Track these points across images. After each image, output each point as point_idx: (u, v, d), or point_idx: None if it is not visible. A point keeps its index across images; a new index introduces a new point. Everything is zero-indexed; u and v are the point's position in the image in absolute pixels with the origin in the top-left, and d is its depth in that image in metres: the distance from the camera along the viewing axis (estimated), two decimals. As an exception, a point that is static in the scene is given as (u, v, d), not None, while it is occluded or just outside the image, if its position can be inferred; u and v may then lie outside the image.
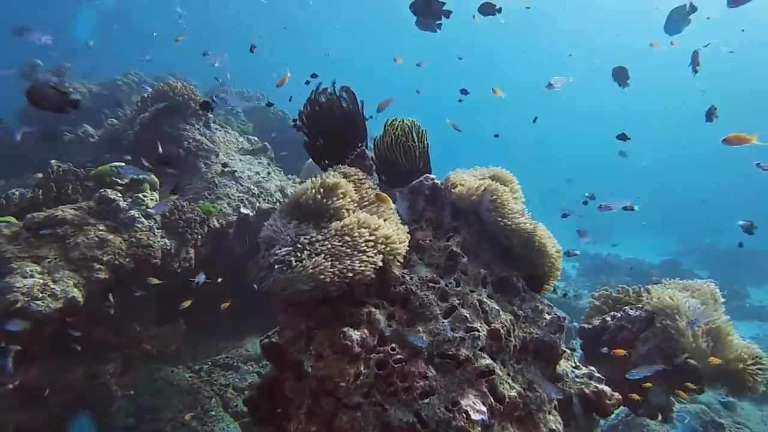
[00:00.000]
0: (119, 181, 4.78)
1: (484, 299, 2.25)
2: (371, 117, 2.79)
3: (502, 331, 2.17)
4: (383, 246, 2.03)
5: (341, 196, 2.21)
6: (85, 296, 4.05)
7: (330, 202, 2.17)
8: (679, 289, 3.35)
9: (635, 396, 2.96)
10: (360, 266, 1.95)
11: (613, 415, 5.81)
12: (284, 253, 1.99)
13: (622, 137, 4.30)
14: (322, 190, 2.19)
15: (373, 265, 1.99)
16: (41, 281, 3.87)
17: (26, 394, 4.71)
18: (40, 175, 5.44)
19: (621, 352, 3.02)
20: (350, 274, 1.94)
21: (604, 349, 2.97)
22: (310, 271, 1.92)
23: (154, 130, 6.11)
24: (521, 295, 2.42)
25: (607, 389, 2.42)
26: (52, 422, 4.77)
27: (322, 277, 1.91)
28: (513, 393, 2.08)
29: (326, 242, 2.01)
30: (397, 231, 2.17)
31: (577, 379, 2.45)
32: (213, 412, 6.24)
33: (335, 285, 1.93)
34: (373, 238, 2.03)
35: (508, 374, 2.18)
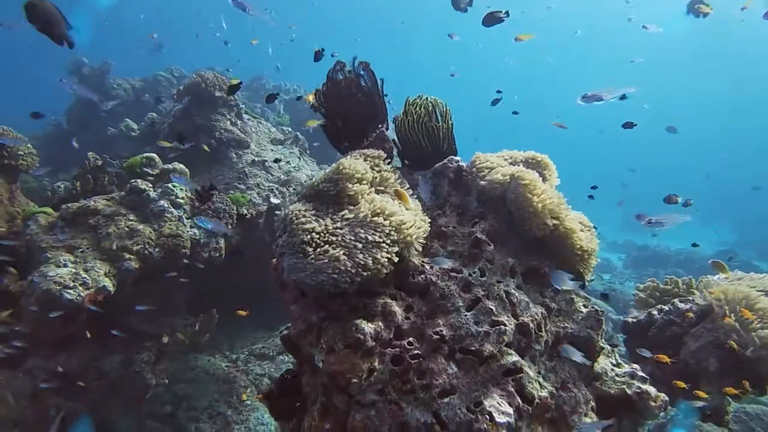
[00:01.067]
0: (150, 171, 4.79)
1: (512, 290, 2.05)
2: (387, 95, 2.62)
3: (531, 325, 1.98)
4: (398, 234, 1.87)
5: (357, 180, 2.06)
6: (116, 285, 4.09)
7: (345, 187, 2.02)
8: (735, 280, 3.04)
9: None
10: (372, 263, 1.80)
11: (662, 413, 5.48)
12: (291, 240, 1.86)
13: (628, 125, 4.14)
14: (337, 174, 2.05)
15: (387, 261, 1.84)
16: (73, 270, 3.91)
17: (67, 381, 4.83)
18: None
19: (665, 359, 2.75)
20: (361, 271, 1.79)
21: (646, 353, 2.71)
22: (318, 263, 1.78)
23: (186, 121, 6.14)
24: (554, 287, 2.21)
25: (651, 390, 2.19)
26: (91, 408, 4.88)
27: (330, 271, 1.77)
28: (544, 393, 1.89)
29: (338, 231, 1.87)
30: (416, 218, 2.01)
31: (617, 378, 2.23)
32: (248, 402, 6.27)
33: (345, 281, 1.79)
34: (387, 223, 1.87)
35: (539, 372, 1.99)
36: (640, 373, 2.26)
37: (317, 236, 1.85)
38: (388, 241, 1.84)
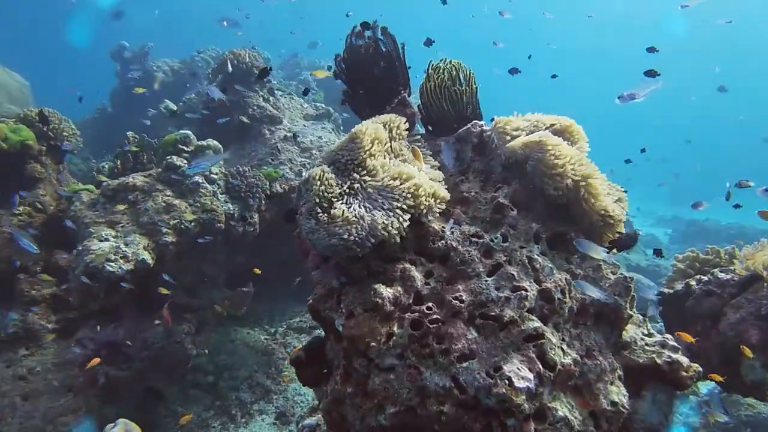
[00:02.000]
0: (185, 148, 4.91)
1: (536, 256, 2.00)
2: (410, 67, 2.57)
3: (555, 291, 1.93)
4: (414, 200, 1.85)
5: (372, 146, 2.04)
6: (155, 258, 4.25)
7: (360, 153, 2.01)
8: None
9: (717, 377, 2.60)
10: (384, 228, 1.79)
11: (705, 390, 5.28)
12: (310, 203, 1.87)
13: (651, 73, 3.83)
14: (352, 142, 2.03)
15: (400, 226, 1.82)
16: (115, 244, 4.08)
17: (113, 350, 5.09)
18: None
19: (688, 337, 2.62)
20: (374, 235, 1.78)
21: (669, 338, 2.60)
22: (330, 227, 1.78)
23: (220, 100, 6.22)
24: (580, 253, 2.14)
25: (683, 359, 2.11)
26: (135, 377, 5.13)
27: (342, 234, 1.78)
28: (567, 360, 1.85)
29: (352, 196, 1.86)
30: (433, 182, 1.98)
31: (647, 348, 2.16)
32: (287, 372, 6.45)
33: (357, 245, 1.79)
34: (403, 188, 1.85)
35: (563, 339, 1.95)
36: (672, 343, 2.18)
37: (332, 199, 1.85)
38: (404, 206, 1.82)
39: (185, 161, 4.68)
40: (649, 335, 2.31)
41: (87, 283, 3.83)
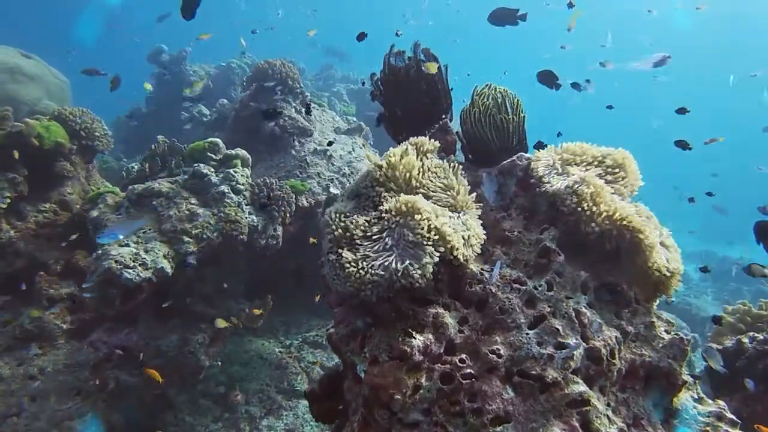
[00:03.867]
0: (213, 156, 4.83)
1: (583, 309, 1.80)
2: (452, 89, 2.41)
3: (603, 350, 1.73)
4: (443, 243, 1.68)
5: (398, 177, 1.88)
6: (174, 267, 4.15)
7: (384, 187, 1.86)
8: None
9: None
10: (403, 273, 1.63)
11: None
12: (328, 245, 1.72)
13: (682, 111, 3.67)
14: (378, 173, 1.88)
15: (421, 270, 1.65)
16: (134, 251, 3.99)
17: (126, 355, 5.00)
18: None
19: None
20: (391, 278, 1.62)
21: (751, 384, 2.34)
22: (348, 272, 1.63)
23: (252, 109, 6.18)
24: (632, 307, 1.93)
25: (743, 436, 1.88)
26: (146, 383, 5.02)
27: (360, 281, 1.62)
28: (613, 430, 1.64)
29: (372, 238, 1.70)
30: (468, 221, 1.80)
31: (700, 418, 1.93)
32: (299, 388, 6.28)
33: (374, 294, 1.64)
34: (426, 230, 1.68)
35: (608, 405, 1.74)
36: (729, 415, 1.95)
37: (354, 239, 1.70)
38: (431, 248, 1.65)
39: (212, 170, 4.60)
40: (701, 401, 2.07)
41: (102, 287, 3.74)
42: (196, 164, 4.58)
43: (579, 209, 1.88)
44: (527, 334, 1.71)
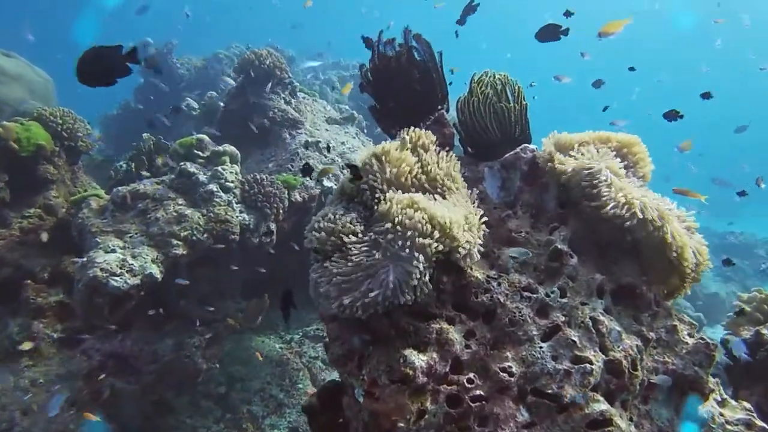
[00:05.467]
0: (200, 153, 4.64)
1: (600, 317, 1.64)
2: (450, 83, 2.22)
3: (625, 362, 1.57)
4: (445, 240, 1.50)
5: (389, 176, 1.70)
6: (164, 272, 3.99)
7: (374, 186, 1.68)
8: None
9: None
10: (391, 289, 1.46)
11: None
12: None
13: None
14: (366, 171, 1.70)
15: (418, 284, 1.49)
16: (121, 257, 3.82)
17: (121, 362, 4.86)
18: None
19: None
20: (388, 298, 1.45)
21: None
22: (332, 288, 1.47)
23: (240, 100, 5.97)
24: (652, 310, 1.77)
25: (776, 445, 1.73)
26: (144, 390, 4.89)
27: (337, 295, 1.46)
28: (638, 449, 1.50)
29: (360, 248, 1.53)
30: (470, 218, 1.63)
31: (729, 428, 1.78)
32: (300, 385, 6.16)
33: (363, 311, 1.47)
34: (423, 232, 1.51)
35: (630, 420, 1.59)
36: (759, 423, 1.80)
37: (340, 246, 1.53)
38: (423, 258, 1.48)
39: (199, 168, 4.41)
40: (724, 403, 1.93)
41: (88, 297, 3.58)
42: (182, 163, 4.39)
43: (596, 196, 1.70)
44: (540, 347, 1.56)
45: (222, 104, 6.24)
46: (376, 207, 1.63)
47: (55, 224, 5.10)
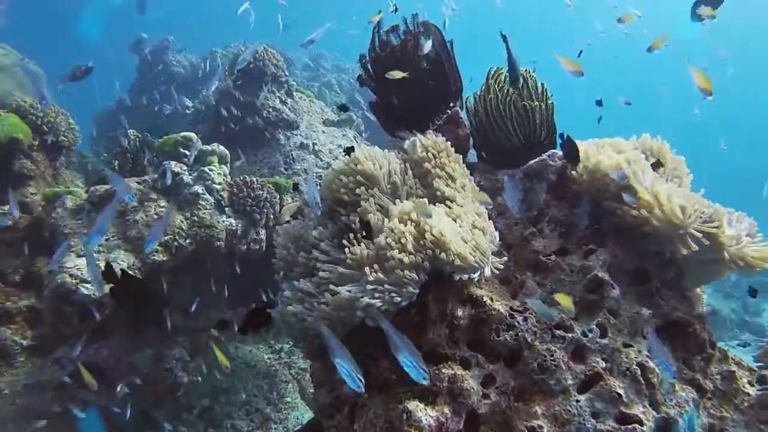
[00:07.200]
0: (186, 152, 4.32)
1: (649, 362, 1.34)
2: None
3: (680, 421, 1.26)
4: (439, 254, 1.21)
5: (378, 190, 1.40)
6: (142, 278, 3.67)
7: (360, 206, 1.39)
8: None
9: None
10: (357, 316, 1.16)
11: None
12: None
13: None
14: (352, 177, 1.41)
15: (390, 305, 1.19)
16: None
17: (95, 373, 4.53)
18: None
19: None
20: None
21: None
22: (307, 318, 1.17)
23: (233, 99, 5.67)
24: (705, 353, 1.47)
25: None
26: (122, 402, 4.57)
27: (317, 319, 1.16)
28: None
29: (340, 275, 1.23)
30: (480, 236, 1.33)
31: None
32: (288, 399, 5.83)
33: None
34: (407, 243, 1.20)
35: (686, 492, 1.28)
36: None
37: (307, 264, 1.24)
38: (409, 282, 1.18)
39: (184, 167, 4.10)
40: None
41: (56, 304, 3.26)
42: (166, 162, 4.07)
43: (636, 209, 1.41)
44: (577, 401, 1.25)
45: (214, 102, 5.93)
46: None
47: (30, 223, 4.78)
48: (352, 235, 1.35)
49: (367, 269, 1.24)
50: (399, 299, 1.21)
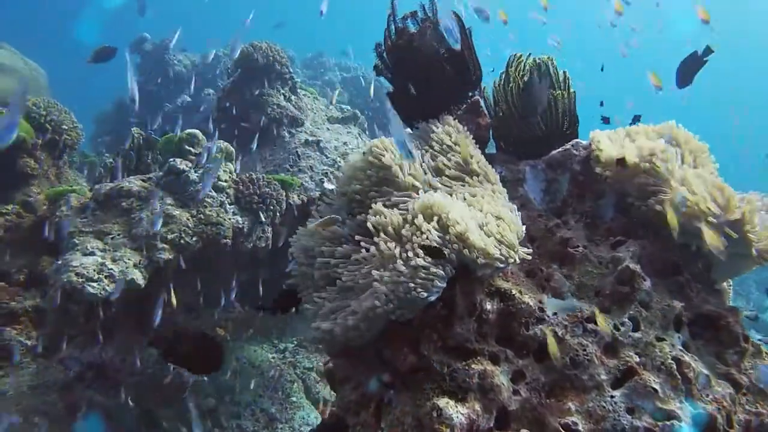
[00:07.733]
0: (192, 149, 4.28)
1: (684, 356, 1.29)
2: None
3: (719, 416, 1.22)
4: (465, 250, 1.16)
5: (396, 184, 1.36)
6: (147, 278, 3.63)
7: (373, 197, 1.35)
8: None
9: None
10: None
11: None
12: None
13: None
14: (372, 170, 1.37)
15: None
16: (100, 260, 3.46)
17: (100, 374, 4.50)
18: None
19: None
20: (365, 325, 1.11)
21: None
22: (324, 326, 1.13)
23: (237, 96, 5.63)
24: (739, 347, 1.42)
25: None
26: (123, 403, 4.53)
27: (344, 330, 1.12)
28: None
29: (357, 270, 1.20)
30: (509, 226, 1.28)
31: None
32: (294, 398, 5.80)
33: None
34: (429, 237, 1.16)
35: (724, 490, 1.24)
36: None
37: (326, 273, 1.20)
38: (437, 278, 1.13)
39: (189, 165, 4.06)
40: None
41: (62, 304, 3.22)
42: (171, 159, 4.03)
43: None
44: (612, 396, 1.20)
45: (218, 100, 5.89)
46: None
47: (34, 222, 4.75)
48: (373, 231, 1.30)
49: (393, 264, 1.20)
50: (426, 295, 1.17)
